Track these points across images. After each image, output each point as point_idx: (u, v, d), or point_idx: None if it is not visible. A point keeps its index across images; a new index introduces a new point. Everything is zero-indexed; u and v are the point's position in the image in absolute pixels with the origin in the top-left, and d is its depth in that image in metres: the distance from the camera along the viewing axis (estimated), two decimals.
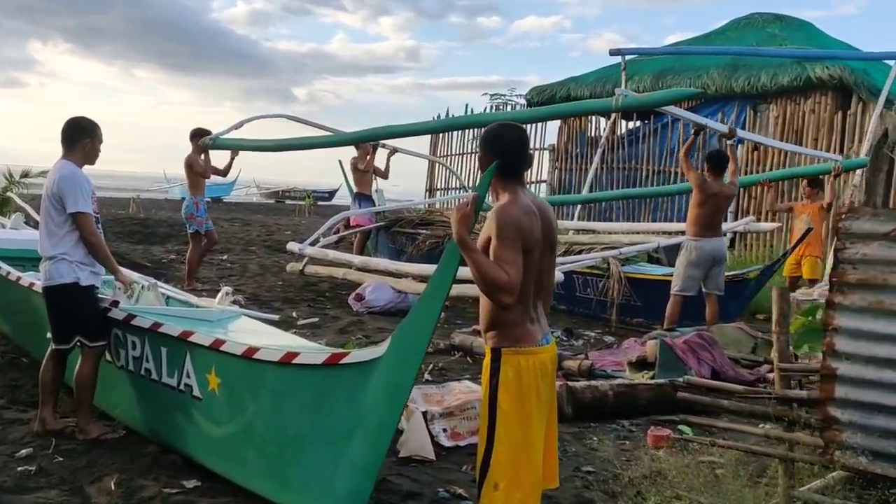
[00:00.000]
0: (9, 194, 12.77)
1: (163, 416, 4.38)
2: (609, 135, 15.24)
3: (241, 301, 6.66)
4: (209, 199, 12.00)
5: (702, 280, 7.69)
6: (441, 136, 17.85)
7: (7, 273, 5.92)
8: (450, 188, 17.57)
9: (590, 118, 16.27)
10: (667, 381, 5.98)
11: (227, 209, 25.03)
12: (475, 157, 17.25)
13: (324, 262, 10.37)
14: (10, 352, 6.24)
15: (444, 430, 4.80)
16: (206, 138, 9.76)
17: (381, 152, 11.88)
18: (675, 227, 11.07)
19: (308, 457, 3.52)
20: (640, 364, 6.66)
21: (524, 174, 3.18)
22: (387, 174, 12.20)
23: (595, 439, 5.14)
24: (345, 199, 20.40)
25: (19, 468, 4.15)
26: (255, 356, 3.72)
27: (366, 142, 11.00)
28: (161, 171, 41.48)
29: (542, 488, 3.15)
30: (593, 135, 16.18)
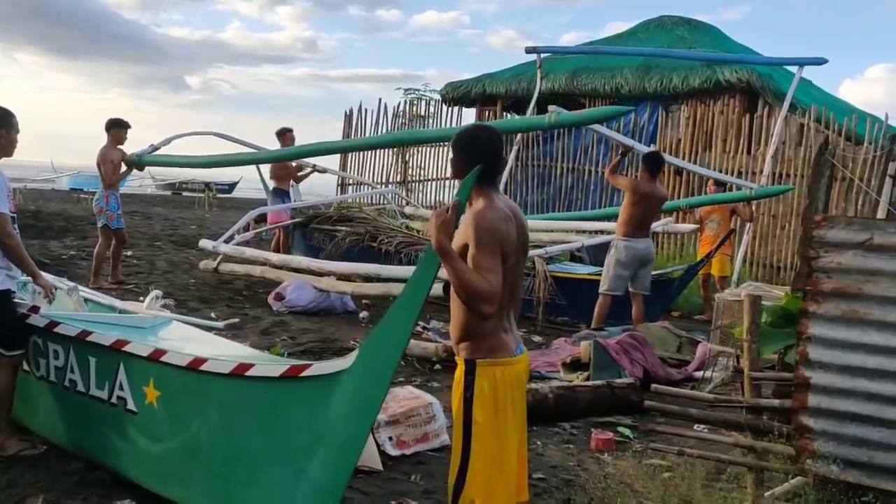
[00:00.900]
0: None
1: (91, 431, 4.05)
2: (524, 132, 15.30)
3: (171, 305, 6.31)
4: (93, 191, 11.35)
5: (629, 280, 7.76)
6: (354, 130, 17.58)
7: None
8: (363, 183, 17.30)
9: (504, 115, 16.32)
10: (604, 383, 6.01)
11: (122, 201, 23.88)
12: (386, 153, 17.07)
13: (240, 260, 10.01)
14: None
15: (390, 439, 4.66)
16: (131, 155, 9.58)
17: None
18: (592, 226, 11.21)
19: (261, 476, 3.30)
20: (574, 365, 6.67)
21: (499, 178, 3.06)
22: (300, 180, 11.91)
23: (539, 443, 5.10)
24: (244, 191, 19.88)
25: None
26: (202, 368, 3.47)
27: (295, 159, 10.80)
28: (47, 160, 39.42)
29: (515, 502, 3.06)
30: None
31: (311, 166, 11.74)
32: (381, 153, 17.24)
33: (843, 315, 2.98)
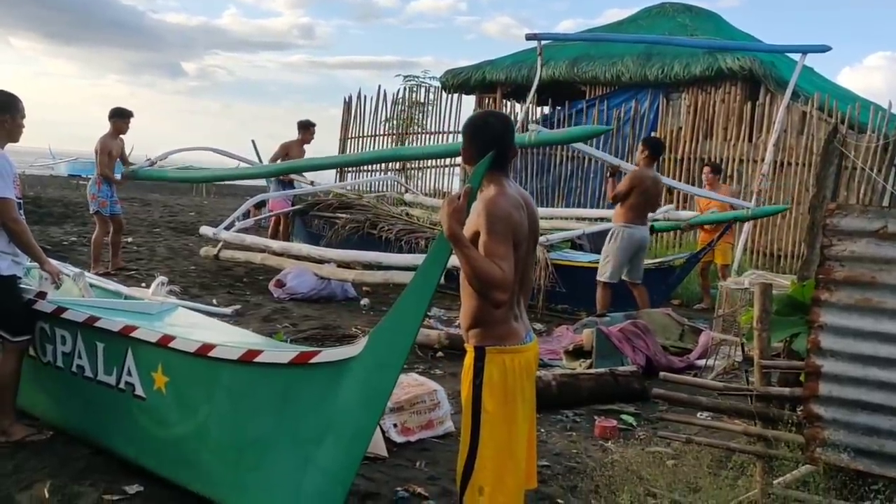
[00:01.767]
0: None
1: (98, 417, 4.05)
2: (524, 120, 15.26)
3: (177, 291, 6.29)
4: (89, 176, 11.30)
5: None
6: (353, 117, 17.52)
7: None
8: (362, 170, 17.26)
9: (504, 103, 16.27)
10: (607, 370, 6.02)
11: (121, 187, 23.77)
12: (385, 140, 17.02)
13: (240, 247, 10.00)
14: None
15: (395, 426, 4.66)
16: (128, 169, 9.59)
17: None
18: (593, 214, 11.21)
19: (270, 462, 3.30)
20: (576, 352, 6.68)
21: (510, 164, 3.04)
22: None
23: (543, 431, 5.09)
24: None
25: None
26: (211, 354, 3.46)
27: (287, 174, 10.84)
28: (45, 146, 39.25)
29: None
30: None
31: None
32: (381, 140, 17.18)
33: (856, 304, 2.97)
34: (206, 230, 10.48)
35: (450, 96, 16.91)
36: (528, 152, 15.38)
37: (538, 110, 16.24)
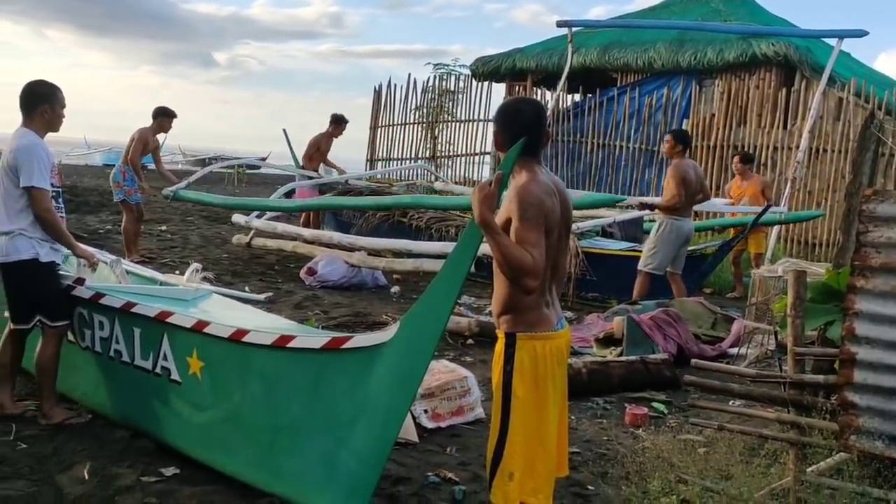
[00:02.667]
0: None
1: (135, 400, 4.13)
2: (554, 107, 15.20)
3: (211, 278, 6.37)
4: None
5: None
6: (383, 106, 17.55)
7: None
8: (391, 158, 17.30)
9: (535, 91, 16.20)
10: (637, 358, 6.00)
11: (153, 177, 24.04)
12: (415, 128, 17.04)
13: (272, 235, 10.09)
14: None
15: (426, 412, 4.70)
16: (167, 190, 9.93)
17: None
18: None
19: (304, 446, 3.35)
20: (606, 340, 6.66)
21: (542, 151, 3.03)
22: (329, 164, 12.10)
23: (573, 418, 5.10)
24: (272, 168, 20.05)
25: None
26: (245, 339, 3.51)
27: (311, 210, 11.04)
28: (81, 136, 39.81)
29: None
30: None
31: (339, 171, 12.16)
32: (411, 129, 17.19)
33: (892, 290, 2.94)
34: (238, 218, 10.59)
35: (480, 84, 16.87)
36: (558, 140, 15.34)
37: (569, 98, 16.14)
